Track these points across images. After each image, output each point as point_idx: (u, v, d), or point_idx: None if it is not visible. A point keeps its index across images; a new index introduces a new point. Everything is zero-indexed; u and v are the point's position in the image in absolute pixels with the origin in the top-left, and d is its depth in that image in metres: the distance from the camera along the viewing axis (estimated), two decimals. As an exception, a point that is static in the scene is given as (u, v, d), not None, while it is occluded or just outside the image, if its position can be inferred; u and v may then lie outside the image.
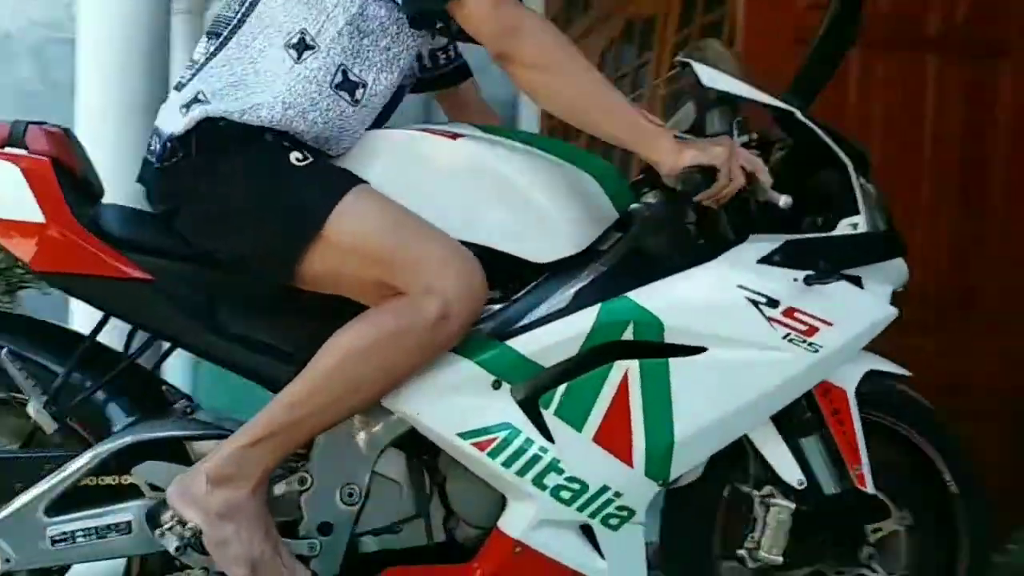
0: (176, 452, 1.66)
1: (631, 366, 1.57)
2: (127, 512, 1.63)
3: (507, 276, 1.66)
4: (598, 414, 1.58)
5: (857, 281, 1.66)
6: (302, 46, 1.61)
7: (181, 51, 4.96)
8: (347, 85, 1.63)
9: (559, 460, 1.58)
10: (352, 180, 1.59)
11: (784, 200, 1.55)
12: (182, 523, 1.56)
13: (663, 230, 1.70)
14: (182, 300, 1.64)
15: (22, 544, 1.62)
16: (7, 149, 1.64)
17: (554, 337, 1.58)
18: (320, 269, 1.57)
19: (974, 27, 3.00)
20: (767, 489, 1.71)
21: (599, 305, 1.58)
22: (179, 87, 1.68)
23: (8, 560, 1.61)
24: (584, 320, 1.57)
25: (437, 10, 1.56)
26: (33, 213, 1.59)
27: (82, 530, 1.62)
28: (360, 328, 1.54)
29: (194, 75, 1.65)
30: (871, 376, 1.73)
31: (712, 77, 1.62)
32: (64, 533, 1.62)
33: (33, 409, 1.62)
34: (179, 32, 4.98)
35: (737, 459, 1.72)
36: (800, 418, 1.69)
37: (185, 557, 1.59)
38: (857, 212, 1.64)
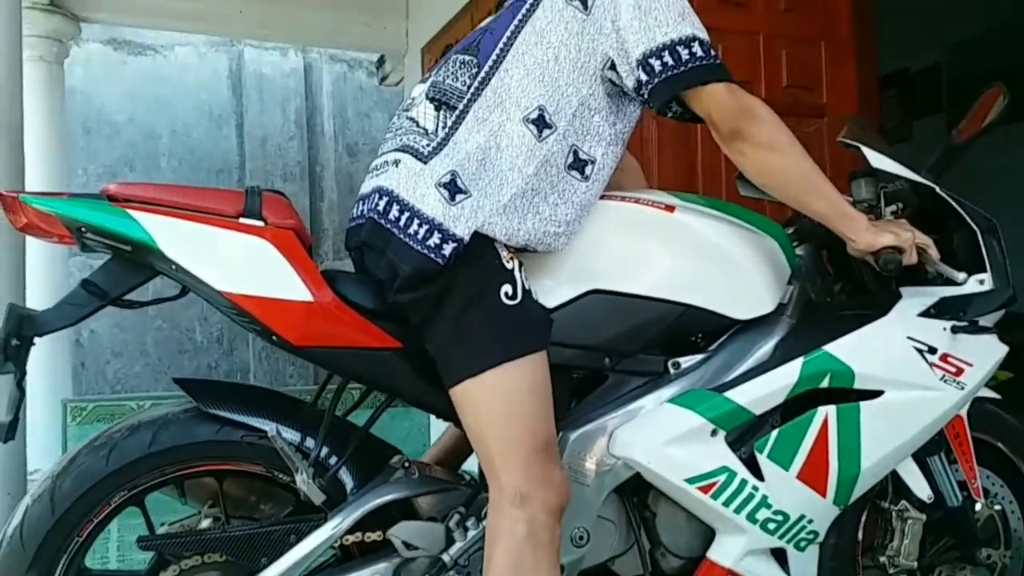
0: (405, 509, 1.76)
1: (830, 411, 1.81)
2: (377, 572, 1.72)
3: (699, 328, 1.88)
4: (803, 454, 1.80)
5: (976, 323, 1.97)
6: (541, 123, 1.68)
7: (34, 98, 4.66)
8: (578, 164, 1.72)
9: (768, 496, 1.80)
10: (533, 342, 1.67)
11: (962, 277, 1.83)
12: None
13: (818, 281, 1.97)
14: (425, 364, 1.70)
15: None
16: (244, 220, 1.64)
17: (766, 388, 1.79)
18: (460, 398, 1.67)
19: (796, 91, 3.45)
20: (902, 504, 2.01)
21: (802, 359, 1.80)
22: (416, 154, 1.69)
23: None
24: (790, 372, 1.80)
25: (676, 95, 1.72)
26: (300, 291, 1.60)
27: (338, 593, 1.69)
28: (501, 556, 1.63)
29: (438, 148, 1.68)
30: (974, 401, 2.05)
31: (879, 160, 1.89)
32: None
33: (303, 483, 1.66)
34: (32, 81, 4.69)
35: (876, 480, 2.01)
36: (930, 441, 1.99)
37: None
38: (984, 270, 1.94)
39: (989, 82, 1.99)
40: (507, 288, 1.66)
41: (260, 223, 1.64)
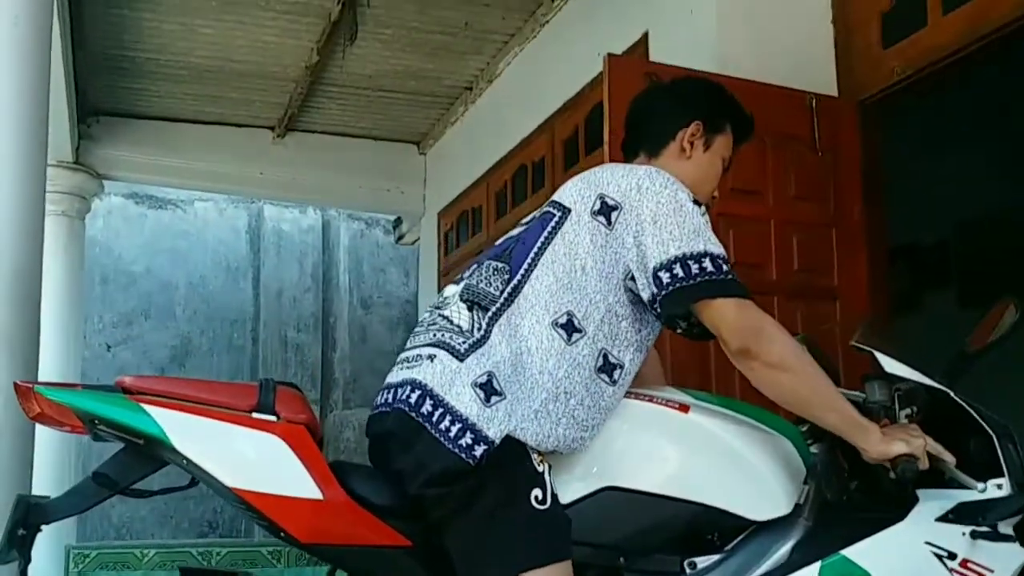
0: None
1: (850, 618, 1.76)
2: None
3: (714, 528, 1.84)
4: (823, 662, 1.75)
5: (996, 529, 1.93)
6: (571, 328, 1.72)
7: (54, 252, 4.77)
8: (607, 367, 1.75)
9: None
10: (562, 550, 1.66)
11: (980, 487, 1.82)
12: None
13: (833, 480, 1.94)
14: (435, 564, 1.68)
15: None
16: (257, 415, 1.64)
17: (785, 595, 1.75)
18: None
19: (807, 275, 3.49)
20: None
21: (819, 563, 1.76)
22: (452, 351, 1.71)
23: None
24: (808, 578, 1.76)
25: (685, 308, 1.76)
26: (309, 489, 1.59)
27: None
28: None
29: (474, 347, 1.70)
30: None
31: (893, 365, 1.89)
32: None
33: None
34: (53, 237, 4.81)
35: None
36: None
37: None
38: (1002, 475, 1.91)
39: (998, 259, 2.01)
40: (537, 492, 1.66)
41: (273, 418, 1.64)
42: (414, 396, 1.69)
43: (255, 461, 1.60)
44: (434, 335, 1.78)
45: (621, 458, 1.80)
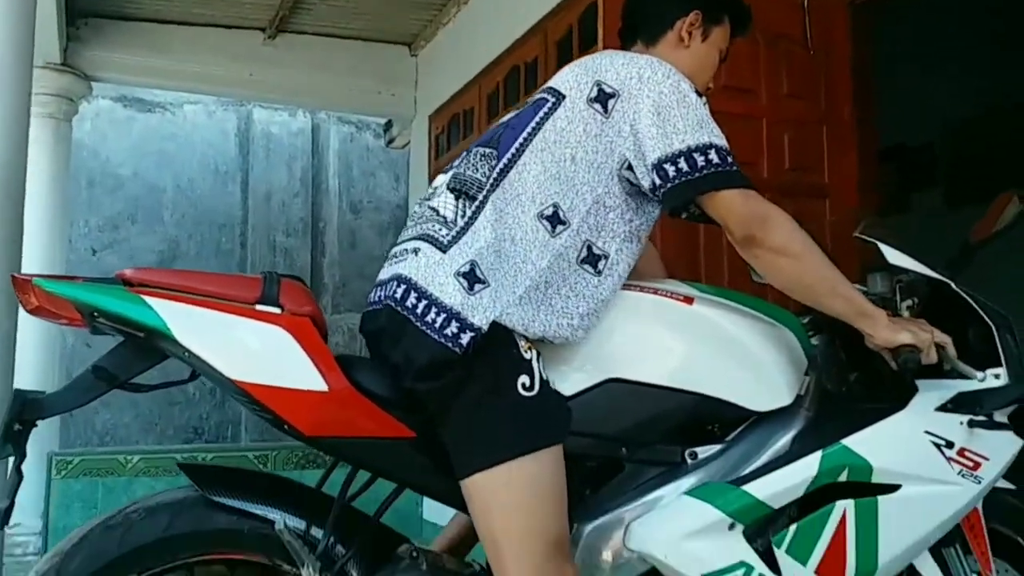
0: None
1: (848, 505, 1.78)
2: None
3: (716, 419, 1.86)
4: (820, 549, 1.77)
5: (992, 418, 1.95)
6: (555, 220, 1.71)
7: (40, 154, 4.69)
8: (591, 259, 1.74)
9: (786, 592, 1.76)
10: (548, 436, 1.67)
11: (980, 375, 1.83)
12: None
13: (834, 372, 1.96)
14: (438, 454, 1.68)
15: None
16: (261, 307, 1.62)
17: (785, 483, 1.76)
18: (471, 490, 1.66)
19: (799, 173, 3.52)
20: (918, 597, 1.98)
21: (820, 452, 1.78)
22: (435, 243, 1.70)
23: None
24: (809, 466, 1.77)
25: (690, 200, 1.74)
26: (314, 381, 1.58)
27: None
28: None
29: (457, 237, 1.69)
30: (990, 492, 2.02)
31: (896, 256, 1.88)
32: None
33: None
34: (39, 139, 4.74)
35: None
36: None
37: None
38: (999, 364, 1.93)
39: (981, 161, 2.01)
40: (524, 379, 1.65)
41: (277, 310, 1.62)
42: (399, 290, 1.68)
43: (259, 353, 1.58)
44: (420, 228, 1.77)
45: (624, 350, 1.80)
